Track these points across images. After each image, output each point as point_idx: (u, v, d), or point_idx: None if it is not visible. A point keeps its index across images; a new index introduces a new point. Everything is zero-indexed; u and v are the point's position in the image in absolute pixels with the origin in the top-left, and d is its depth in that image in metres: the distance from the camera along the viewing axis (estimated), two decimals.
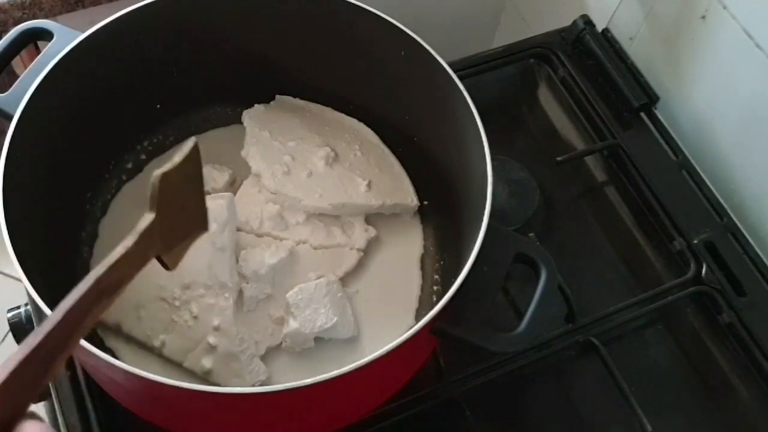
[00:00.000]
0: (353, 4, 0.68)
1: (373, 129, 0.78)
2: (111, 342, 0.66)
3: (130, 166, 0.76)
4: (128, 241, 0.44)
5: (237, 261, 0.67)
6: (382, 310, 0.70)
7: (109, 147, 0.74)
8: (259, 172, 0.73)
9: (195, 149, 0.52)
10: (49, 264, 0.66)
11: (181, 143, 0.78)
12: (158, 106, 0.76)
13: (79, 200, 0.72)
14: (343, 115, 0.79)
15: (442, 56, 0.65)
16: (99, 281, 0.41)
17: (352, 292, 0.71)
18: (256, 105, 0.78)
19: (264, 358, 0.66)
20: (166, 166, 0.48)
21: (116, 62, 0.68)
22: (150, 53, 0.70)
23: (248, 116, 0.77)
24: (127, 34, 0.67)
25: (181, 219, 0.51)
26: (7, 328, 0.70)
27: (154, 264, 0.49)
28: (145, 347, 0.65)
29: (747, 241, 0.78)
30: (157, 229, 0.46)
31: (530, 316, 0.57)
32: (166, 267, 0.50)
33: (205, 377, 0.64)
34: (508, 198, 0.80)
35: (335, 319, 0.66)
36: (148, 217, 0.46)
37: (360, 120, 0.78)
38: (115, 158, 0.75)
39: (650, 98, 0.86)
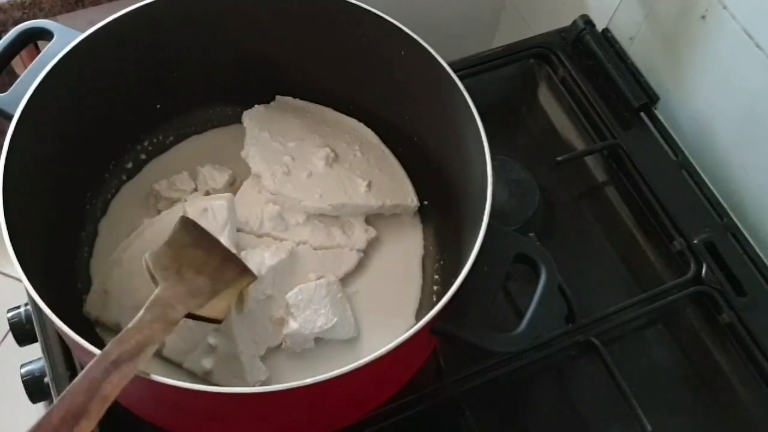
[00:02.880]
0: (353, 3, 0.68)
1: (373, 129, 0.78)
2: None
3: (130, 165, 0.76)
4: (139, 316, 0.50)
5: None
6: (382, 310, 0.70)
7: (109, 147, 0.74)
8: (259, 173, 0.73)
9: (183, 222, 0.57)
10: (49, 264, 0.66)
11: (180, 143, 0.79)
12: (158, 105, 0.76)
13: (79, 200, 0.72)
14: (343, 116, 0.78)
15: (442, 56, 0.65)
16: (107, 355, 0.46)
17: (352, 293, 0.71)
18: (256, 106, 0.78)
19: (264, 358, 0.66)
20: (155, 249, 0.55)
21: (116, 62, 0.68)
22: (150, 53, 0.70)
23: (248, 117, 0.77)
24: (127, 34, 0.67)
25: (207, 275, 0.56)
26: (7, 328, 0.70)
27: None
28: None
29: (747, 241, 0.78)
30: (175, 295, 0.53)
31: (530, 316, 0.56)
32: (211, 321, 0.56)
33: (205, 378, 0.63)
34: (508, 198, 0.80)
35: (335, 319, 0.66)
36: (154, 291, 0.52)
37: (360, 120, 0.78)
38: (115, 158, 0.75)
39: (650, 98, 0.86)
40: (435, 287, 0.72)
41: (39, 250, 0.63)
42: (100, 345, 0.51)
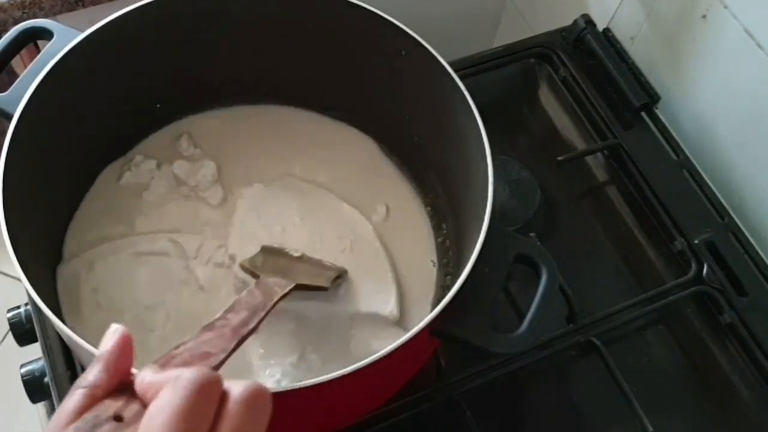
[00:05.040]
0: (353, 3, 0.68)
1: (372, 129, 0.78)
2: None
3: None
4: (246, 291, 0.55)
5: None
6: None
7: (109, 146, 0.74)
8: (233, 254, 0.70)
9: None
10: (49, 264, 0.66)
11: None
12: (158, 105, 0.76)
13: (79, 200, 0.72)
14: (344, 204, 0.74)
15: (442, 56, 0.65)
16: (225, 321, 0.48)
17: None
18: (255, 184, 0.74)
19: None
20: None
21: (116, 61, 0.68)
22: (150, 52, 0.70)
23: (243, 195, 0.74)
24: (127, 33, 0.66)
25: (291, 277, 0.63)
26: (7, 328, 0.70)
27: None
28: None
29: (748, 240, 0.78)
30: (274, 281, 0.59)
31: (531, 316, 0.56)
32: (319, 288, 0.65)
33: None
34: (509, 198, 0.80)
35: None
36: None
37: (360, 120, 0.78)
38: (115, 158, 0.75)
39: (651, 98, 0.86)
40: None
41: (39, 250, 0.63)
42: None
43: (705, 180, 0.82)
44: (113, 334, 0.36)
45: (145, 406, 0.33)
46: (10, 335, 0.70)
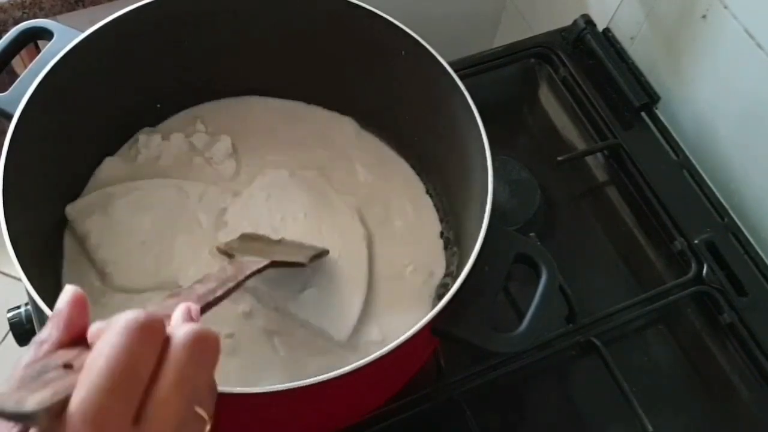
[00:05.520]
0: (353, 3, 0.68)
1: (373, 129, 0.78)
2: None
3: None
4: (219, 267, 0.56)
5: None
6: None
7: (109, 146, 0.74)
8: (226, 221, 0.70)
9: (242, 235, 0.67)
10: (50, 264, 0.66)
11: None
12: (158, 105, 0.76)
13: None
14: (353, 218, 0.72)
15: (442, 56, 0.65)
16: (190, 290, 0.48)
17: None
18: (282, 170, 0.74)
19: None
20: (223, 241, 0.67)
21: (116, 61, 0.68)
22: (150, 52, 0.70)
23: (267, 174, 0.74)
24: (127, 33, 0.66)
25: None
26: (7, 328, 0.70)
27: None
28: None
29: (748, 240, 0.78)
30: (249, 261, 0.59)
31: (531, 316, 0.56)
32: (296, 264, 0.64)
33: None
34: (509, 198, 0.80)
35: None
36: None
37: (360, 120, 0.78)
38: (116, 158, 0.75)
39: (651, 98, 0.86)
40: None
41: (39, 250, 0.63)
42: None
43: (705, 180, 0.82)
44: (66, 293, 0.36)
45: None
46: (11, 335, 0.70)
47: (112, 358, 0.32)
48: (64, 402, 0.30)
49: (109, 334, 0.32)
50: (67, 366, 0.32)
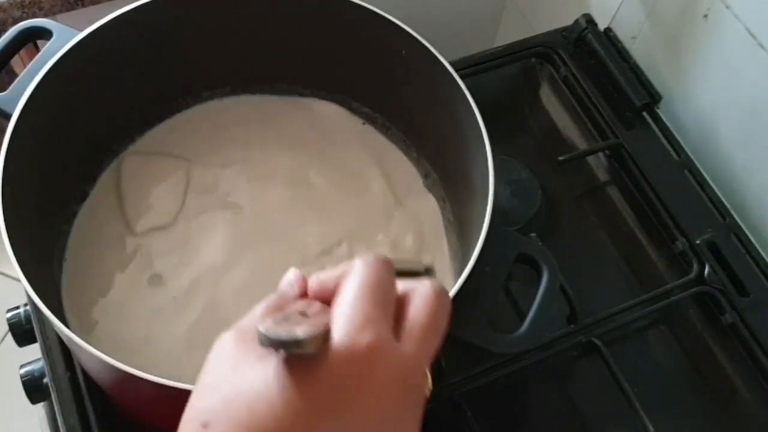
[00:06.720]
0: (353, 2, 0.67)
1: (372, 128, 0.78)
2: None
3: None
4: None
5: None
6: None
7: (108, 146, 0.74)
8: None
9: None
10: (49, 264, 0.66)
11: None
12: (159, 105, 0.76)
13: (79, 199, 0.72)
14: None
15: (443, 55, 0.65)
16: None
17: None
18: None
19: None
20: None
21: (116, 61, 0.68)
22: (150, 52, 0.70)
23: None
24: (126, 32, 0.66)
25: None
26: (7, 328, 0.70)
27: None
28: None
29: (749, 241, 0.78)
30: None
31: (532, 316, 0.56)
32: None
33: None
34: (510, 198, 0.79)
35: None
36: None
37: (359, 120, 0.78)
38: (114, 158, 0.75)
39: (653, 97, 0.86)
40: None
41: (39, 251, 0.63)
42: (99, 346, 0.51)
43: (706, 180, 0.81)
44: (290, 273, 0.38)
45: (324, 302, 0.35)
46: (10, 336, 0.70)
47: (366, 275, 0.34)
48: (326, 333, 0.32)
49: (358, 268, 0.35)
50: (303, 314, 0.34)
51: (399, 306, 0.35)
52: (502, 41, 0.93)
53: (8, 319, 0.70)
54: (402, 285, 0.36)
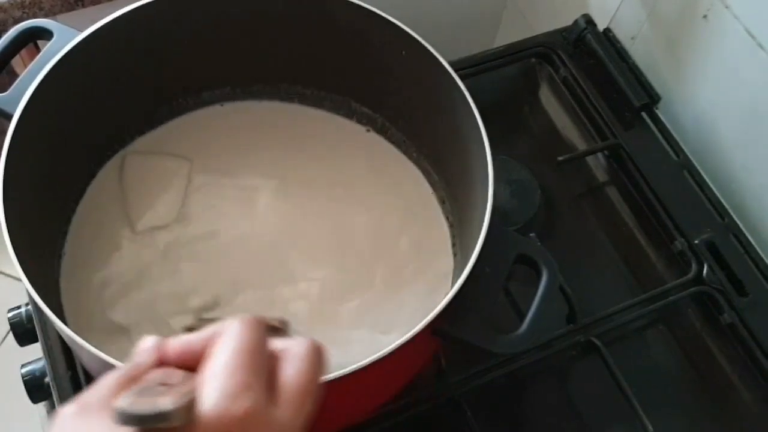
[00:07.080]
0: (352, 2, 0.67)
1: (372, 129, 0.78)
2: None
3: None
4: None
5: None
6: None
7: (109, 146, 0.74)
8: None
9: None
10: (50, 264, 0.66)
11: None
12: (158, 105, 0.76)
13: (79, 198, 0.72)
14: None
15: (442, 56, 0.65)
16: None
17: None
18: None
19: None
20: None
21: (116, 61, 0.68)
22: (150, 52, 0.70)
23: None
24: (127, 33, 0.66)
25: None
26: (8, 328, 0.70)
27: None
28: None
29: (748, 241, 0.78)
30: None
31: (531, 316, 0.56)
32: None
33: None
34: (509, 198, 0.80)
35: None
36: None
37: (359, 120, 0.78)
38: (115, 157, 0.75)
39: (652, 98, 0.86)
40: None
41: (39, 250, 0.63)
42: (98, 345, 0.51)
43: (705, 180, 0.81)
44: (147, 340, 0.36)
45: (187, 369, 0.34)
46: (11, 335, 0.70)
47: (240, 339, 0.33)
48: (192, 401, 0.31)
49: (233, 330, 0.34)
50: (163, 384, 0.33)
51: (271, 366, 0.34)
52: (501, 41, 0.93)
53: (9, 319, 0.70)
54: (274, 344, 0.35)
